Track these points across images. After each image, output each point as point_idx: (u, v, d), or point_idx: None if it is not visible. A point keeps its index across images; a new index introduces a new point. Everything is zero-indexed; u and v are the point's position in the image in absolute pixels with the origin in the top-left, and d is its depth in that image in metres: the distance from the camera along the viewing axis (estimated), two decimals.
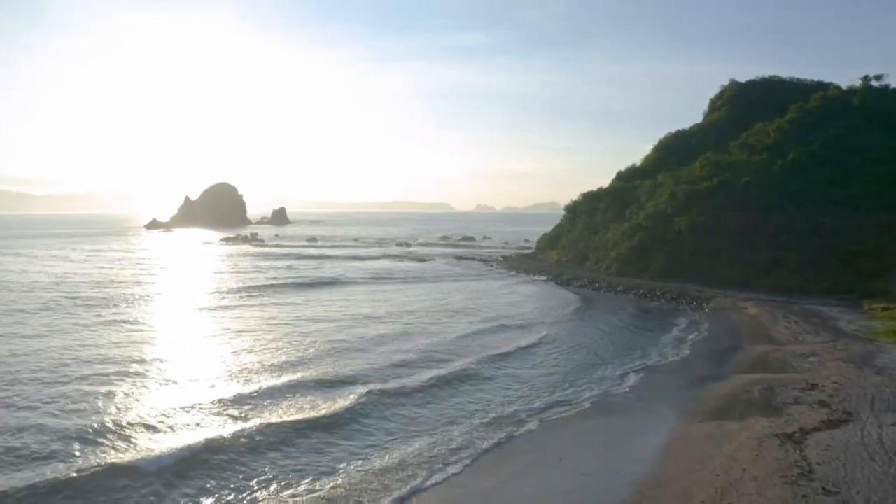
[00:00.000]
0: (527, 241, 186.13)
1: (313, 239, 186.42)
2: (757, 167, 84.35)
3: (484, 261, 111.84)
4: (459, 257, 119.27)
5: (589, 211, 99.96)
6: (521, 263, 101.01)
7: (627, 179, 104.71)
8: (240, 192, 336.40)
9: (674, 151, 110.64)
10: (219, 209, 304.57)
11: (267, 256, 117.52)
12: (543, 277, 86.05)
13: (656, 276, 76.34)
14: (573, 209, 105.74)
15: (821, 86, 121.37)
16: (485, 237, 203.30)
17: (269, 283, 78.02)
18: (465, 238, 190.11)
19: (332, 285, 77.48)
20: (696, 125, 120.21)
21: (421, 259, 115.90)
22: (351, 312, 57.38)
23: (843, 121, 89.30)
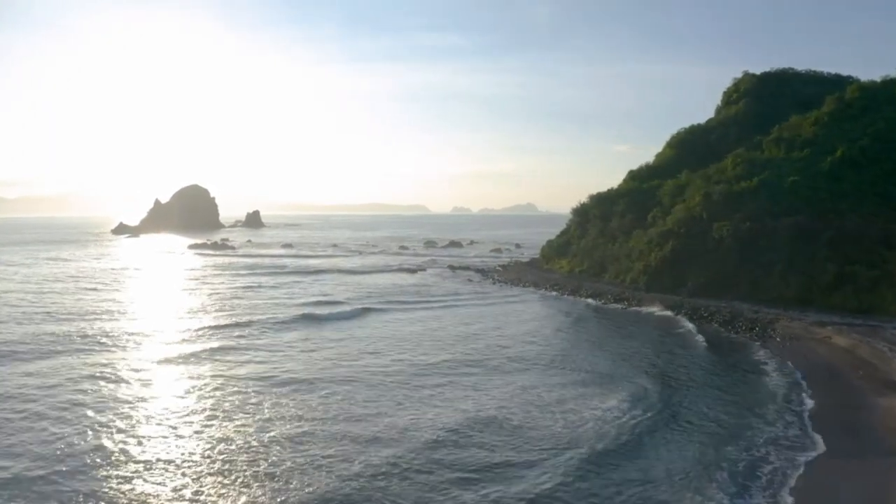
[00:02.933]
0: (518, 245, 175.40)
1: (289, 245, 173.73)
2: (800, 165, 73.62)
3: (482, 271, 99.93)
4: (454, 267, 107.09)
5: (602, 215, 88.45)
6: (527, 275, 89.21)
7: (643, 179, 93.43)
8: (212, 195, 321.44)
9: (691, 148, 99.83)
10: (190, 213, 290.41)
11: (237, 269, 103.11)
12: (564, 294, 74.66)
13: (696, 293, 65.01)
14: (583, 213, 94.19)
15: (839, 78, 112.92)
16: (472, 242, 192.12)
17: (240, 315, 58.91)
18: (452, 243, 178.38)
19: (319, 318, 58.24)
20: (712, 120, 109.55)
21: (411, 270, 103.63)
22: (368, 370, 39.60)
23: (889, 113, 79.06)
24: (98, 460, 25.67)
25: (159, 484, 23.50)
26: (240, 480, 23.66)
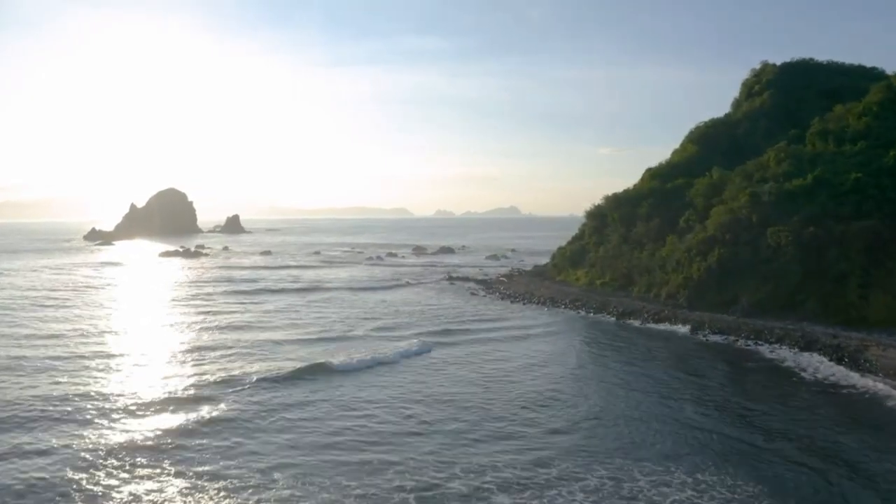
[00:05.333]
0: (513, 250, 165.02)
1: (267, 252, 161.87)
2: (858, 160, 63.77)
3: (484, 283, 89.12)
4: (452, 278, 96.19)
5: (623, 219, 77.98)
6: (539, 288, 78.40)
7: (665, 178, 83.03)
8: (190, 199, 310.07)
9: (715, 144, 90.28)
10: (167, 217, 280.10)
11: (212, 284, 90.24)
12: (590, 313, 64.05)
13: (752, 312, 54.71)
14: (599, 216, 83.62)
15: (864, 70, 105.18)
16: (463, 247, 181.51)
17: (218, 364, 42.11)
18: (443, 249, 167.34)
19: (329, 371, 40.94)
20: (735, 113, 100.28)
21: (408, 284, 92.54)
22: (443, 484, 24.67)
23: None
24: None
25: None
26: None
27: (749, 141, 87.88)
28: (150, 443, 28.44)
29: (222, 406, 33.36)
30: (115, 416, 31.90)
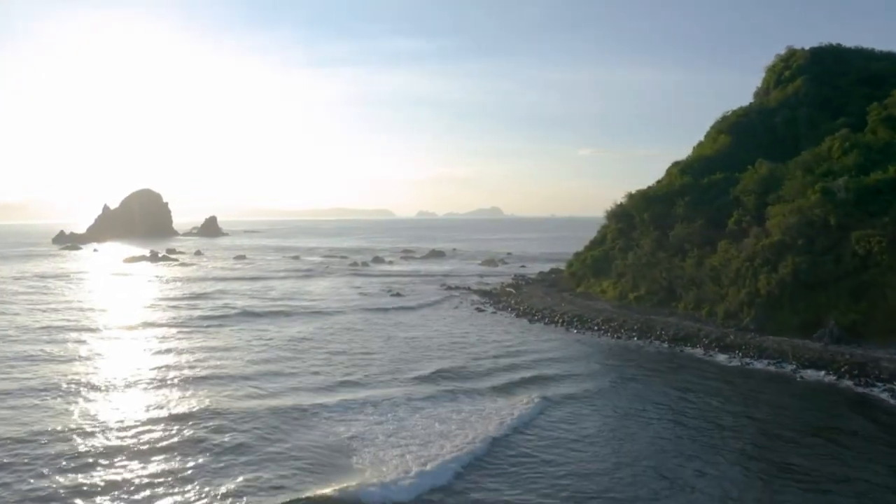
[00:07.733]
0: (509, 254, 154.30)
1: (242, 256, 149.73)
2: None
3: (489, 295, 77.69)
4: (449, 288, 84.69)
5: (654, 220, 66.92)
6: (558, 302, 66.98)
7: (698, 173, 72.03)
8: (165, 200, 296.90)
9: (751, 134, 79.82)
10: (141, 219, 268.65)
11: (160, 306, 77.42)
12: (633, 338, 52.61)
13: (843, 337, 43.72)
14: (624, 217, 72.36)
15: (891, 56, 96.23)
16: (454, 250, 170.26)
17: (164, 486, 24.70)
18: (433, 253, 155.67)
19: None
20: (764, 101, 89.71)
21: (398, 294, 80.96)
22: None
23: None
24: None
25: None
26: None
27: (789, 130, 77.96)
28: None
29: None
30: None
